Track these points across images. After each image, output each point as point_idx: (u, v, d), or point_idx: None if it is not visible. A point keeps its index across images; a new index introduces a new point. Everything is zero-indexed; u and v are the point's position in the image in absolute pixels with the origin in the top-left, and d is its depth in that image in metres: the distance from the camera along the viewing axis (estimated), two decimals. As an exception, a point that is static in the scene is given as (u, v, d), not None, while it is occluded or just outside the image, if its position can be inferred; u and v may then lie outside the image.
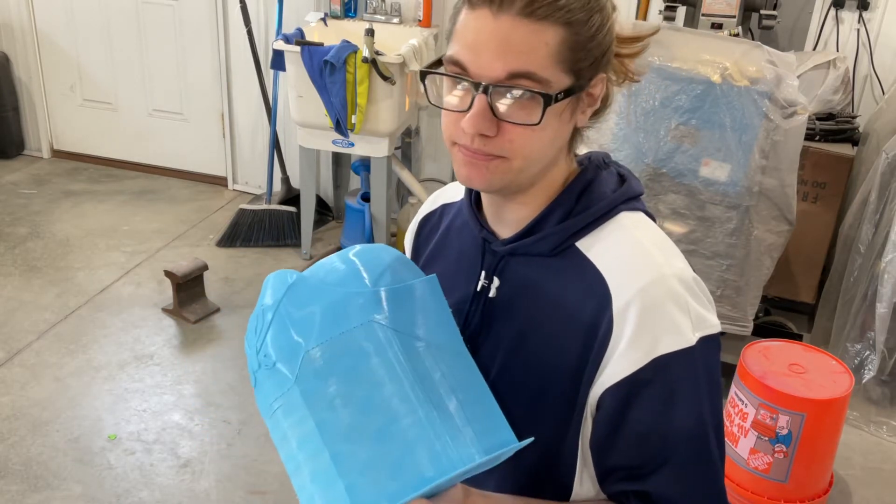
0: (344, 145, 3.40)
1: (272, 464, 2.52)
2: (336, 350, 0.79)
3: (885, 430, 2.83)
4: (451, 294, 1.00)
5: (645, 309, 0.86)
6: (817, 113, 3.14)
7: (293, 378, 0.79)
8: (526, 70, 0.83)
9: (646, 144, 2.79)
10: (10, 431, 2.58)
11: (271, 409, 0.83)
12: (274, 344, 0.81)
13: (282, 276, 0.85)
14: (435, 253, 1.09)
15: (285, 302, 0.82)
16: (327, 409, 0.78)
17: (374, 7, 3.73)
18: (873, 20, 3.34)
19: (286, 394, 0.80)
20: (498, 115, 0.85)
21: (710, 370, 0.90)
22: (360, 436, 0.77)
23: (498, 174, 0.88)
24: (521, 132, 0.85)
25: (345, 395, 0.78)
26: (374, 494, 0.75)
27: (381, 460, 0.76)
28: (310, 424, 0.78)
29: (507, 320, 0.96)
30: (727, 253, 2.82)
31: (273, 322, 0.82)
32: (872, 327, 2.87)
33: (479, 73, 0.84)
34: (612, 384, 0.87)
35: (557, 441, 0.93)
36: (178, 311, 3.21)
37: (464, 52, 0.85)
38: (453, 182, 1.13)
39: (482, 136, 0.85)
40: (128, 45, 4.30)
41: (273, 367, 0.81)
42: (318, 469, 0.77)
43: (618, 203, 0.94)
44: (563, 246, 0.93)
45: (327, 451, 0.77)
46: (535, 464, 0.95)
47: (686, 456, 0.88)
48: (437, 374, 0.81)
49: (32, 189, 4.28)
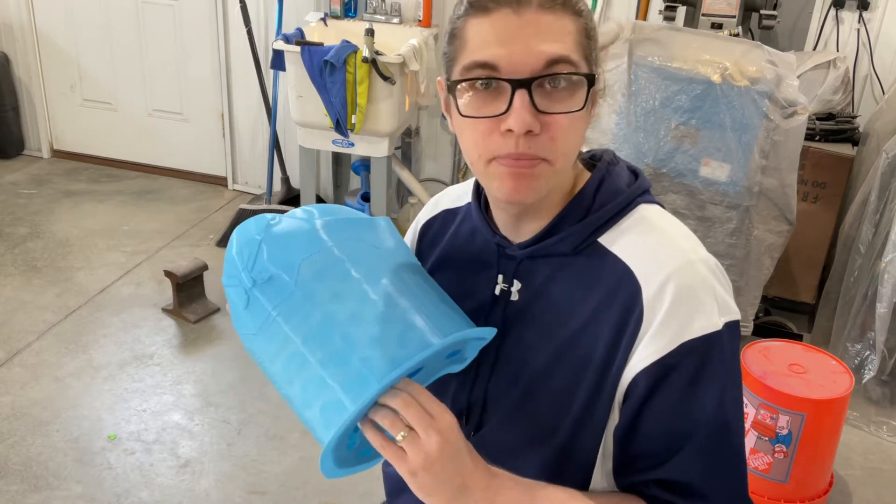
0: (344, 145, 3.40)
1: (272, 464, 2.52)
2: (326, 258, 0.91)
3: (885, 430, 2.83)
4: (467, 300, 1.00)
5: (675, 294, 0.86)
6: (817, 113, 3.14)
7: (293, 283, 0.89)
8: (564, 55, 0.83)
9: (646, 144, 2.79)
10: (10, 431, 2.58)
11: (268, 320, 0.89)
12: (268, 260, 0.91)
13: (251, 220, 0.96)
14: (443, 260, 1.08)
15: (269, 231, 0.93)
16: (330, 303, 0.87)
17: (374, 7, 3.73)
18: (873, 20, 3.34)
19: (286, 299, 0.89)
20: (540, 109, 0.83)
21: (734, 356, 0.90)
22: (363, 319, 0.86)
23: (543, 180, 0.87)
24: (564, 126, 0.84)
25: (342, 291, 0.88)
26: (386, 361, 0.83)
27: (387, 335, 0.85)
28: (316, 318, 0.87)
29: (531, 322, 0.96)
30: (727, 253, 2.82)
31: (263, 243, 0.92)
32: (872, 327, 2.87)
33: (515, 68, 0.82)
34: (641, 368, 0.87)
35: (578, 434, 0.93)
36: (178, 311, 3.21)
37: (492, 52, 0.83)
38: (451, 186, 1.13)
39: (528, 134, 0.83)
40: (128, 45, 4.30)
41: (269, 280, 0.90)
42: (329, 353, 0.85)
43: (635, 196, 0.94)
44: (585, 243, 0.93)
45: (338, 334, 0.85)
46: (553, 458, 0.95)
47: (707, 440, 0.88)
48: (411, 279, 0.94)
49: (32, 189, 4.28)
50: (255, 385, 2.86)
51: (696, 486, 0.89)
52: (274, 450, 2.57)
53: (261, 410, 2.74)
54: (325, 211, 0.97)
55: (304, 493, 2.42)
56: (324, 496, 2.41)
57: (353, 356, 0.84)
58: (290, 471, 2.49)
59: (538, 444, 0.95)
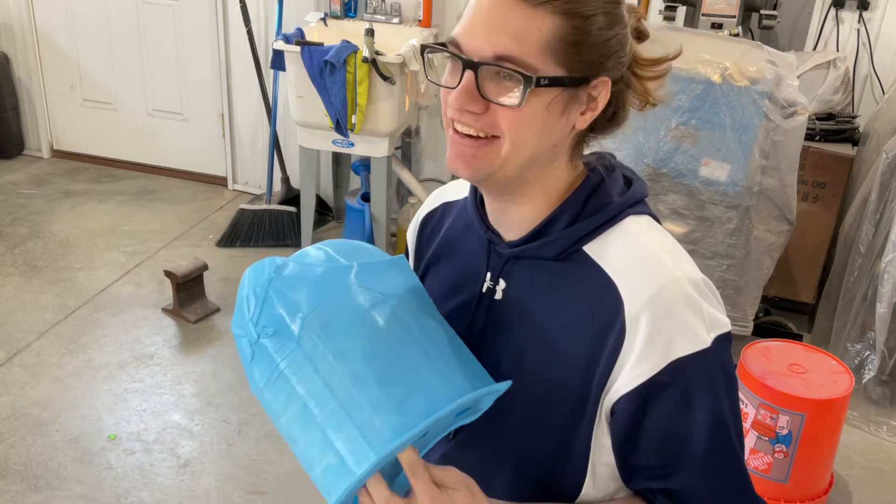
0: (344, 145, 3.40)
1: (272, 464, 2.52)
2: (332, 312, 0.88)
3: (885, 430, 2.83)
4: (456, 295, 1.00)
5: (659, 314, 0.86)
6: (817, 113, 3.15)
7: (297, 339, 0.87)
8: (511, 55, 0.84)
9: (646, 144, 2.79)
10: (10, 431, 2.58)
11: (274, 374, 0.88)
12: (272, 314, 0.89)
13: (263, 263, 0.93)
14: (439, 252, 1.08)
15: (275, 280, 0.90)
16: (333, 362, 0.85)
17: (374, 7, 3.73)
18: (873, 20, 3.34)
19: (290, 355, 0.87)
20: (483, 93, 0.86)
21: (725, 367, 0.90)
22: (366, 381, 0.84)
23: (485, 161, 0.88)
24: (508, 115, 0.86)
25: (346, 349, 0.86)
26: (385, 430, 0.81)
27: (389, 399, 0.83)
28: (319, 377, 0.85)
29: (512, 323, 0.96)
30: (727, 253, 2.82)
31: (268, 296, 0.90)
32: (872, 327, 2.87)
33: (470, 51, 0.86)
34: (628, 391, 0.87)
35: (565, 445, 0.93)
36: (178, 311, 3.22)
37: (461, 31, 0.88)
38: (454, 180, 1.13)
39: (470, 113, 0.87)
40: (128, 45, 4.30)
41: (273, 335, 0.88)
42: (330, 415, 0.84)
43: (624, 208, 0.93)
44: (570, 250, 0.93)
45: (340, 395, 0.84)
46: (541, 469, 0.95)
47: (708, 453, 0.88)
48: (419, 328, 0.91)
49: (32, 189, 4.28)
50: (255, 385, 2.85)
51: (702, 500, 0.90)
52: (274, 450, 2.57)
53: (261, 410, 2.74)
54: (339, 251, 0.95)
55: (304, 493, 2.41)
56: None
57: (352, 423, 0.82)
58: (290, 471, 2.49)
59: (514, 453, 0.96)
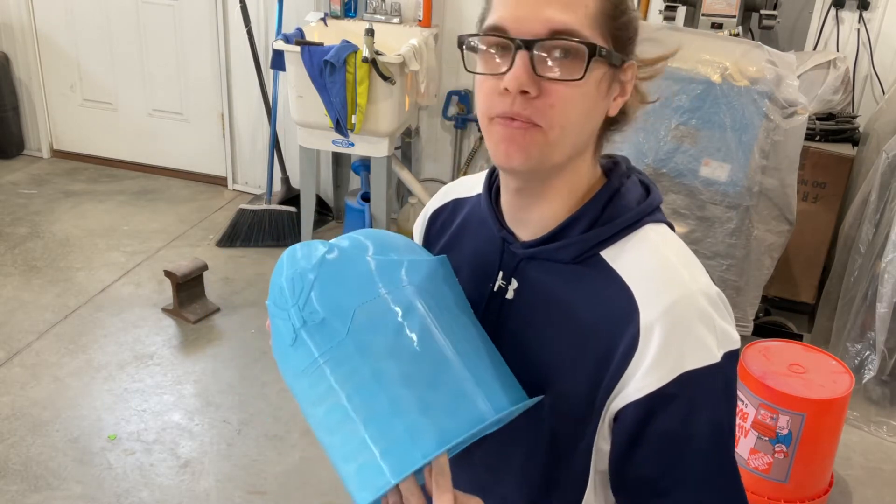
0: (344, 145, 3.40)
1: (272, 464, 2.52)
2: (381, 308, 0.86)
3: (885, 430, 2.83)
4: (466, 293, 0.99)
5: (673, 326, 0.86)
6: (817, 113, 3.14)
7: (346, 331, 0.84)
8: (569, 27, 0.83)
9: (646, 144, 2.79)
10: (10, 431, 2.58)
11: (314, 364, 0.86)
12: (321, 301, 0.86)
13: (309, 246, 0.90)
14: (448, 249, 1.07)
15: (324, 266, 0.87)
16: (381, 359, 0.83)
17: (374, 7, 3.73)
18: (873, 20, 3.34)
19: (336, 347, 0.84)
20: (539, 73, 0.83)
21: (730, 384, 0.90)
22: (414, 381, 0.82)
23: (536, 146, 0.86)
24: (563, 94, 0.84)
25: (395, 346, 0.84)
26: (434, 433, 0.80)
27: (436, 403, 0.82)
28: (364, 373, 0.83)
29: (523, 323, 0.95)
30: (727, 253, 2.82)
31: (316, 282, 0.87)
32: (872, 327, 2.87)
33: (521, 30, 0.83)
34: (635, 399, 0.87)
35: (568, 449, 0.92)
36: (178, 311, 3.21)
37: (504, 14, 0.84)
38: (463, 177, 1.12)
39: (524, 95, 0.84)
40: (128, 45, 4.30)
41: (321, 323, 0.85)
42: (374, 414, 0.82)
43: (643, 215, 0.93)
44: (587, 254, 0.92)
45: (385, 394, 0.82)
46: (544, 473, 0.94)
47: (706, 468, 0.88)
48: (462, 333, 0.89)
49: (32, 189, 4.28)
50: (255, 385, 2.86)
51: None
52: (274, 450, 2.57)
53: (261, 410, 2.74)
54: (379, 244, 0.92)
55: (304, 493, 2.41)
56: (324, 496, 2.41)
57: (399, 422, 0.81)
58: (290, 471, 2.49)
59: (524, 453, 0.95)
